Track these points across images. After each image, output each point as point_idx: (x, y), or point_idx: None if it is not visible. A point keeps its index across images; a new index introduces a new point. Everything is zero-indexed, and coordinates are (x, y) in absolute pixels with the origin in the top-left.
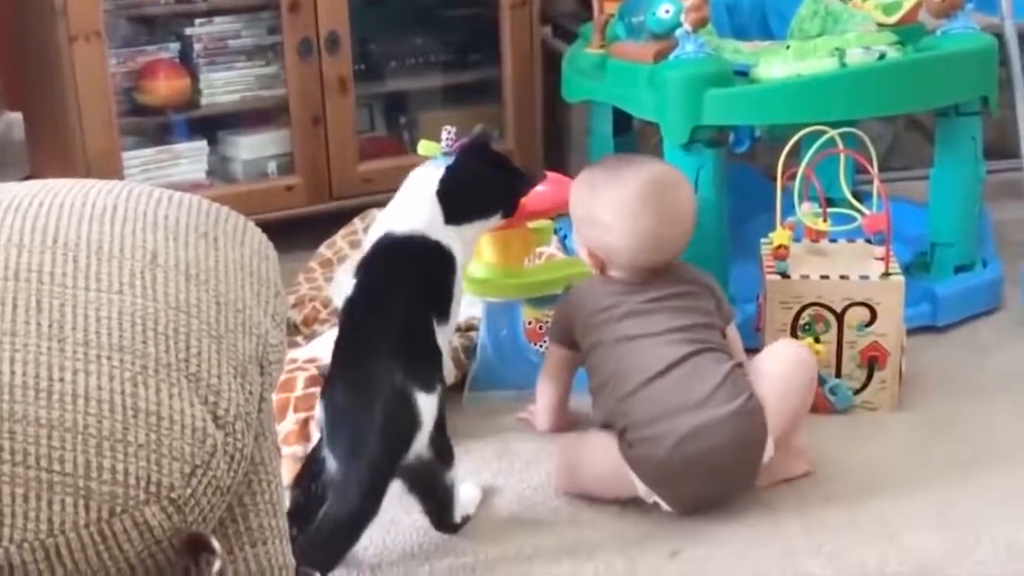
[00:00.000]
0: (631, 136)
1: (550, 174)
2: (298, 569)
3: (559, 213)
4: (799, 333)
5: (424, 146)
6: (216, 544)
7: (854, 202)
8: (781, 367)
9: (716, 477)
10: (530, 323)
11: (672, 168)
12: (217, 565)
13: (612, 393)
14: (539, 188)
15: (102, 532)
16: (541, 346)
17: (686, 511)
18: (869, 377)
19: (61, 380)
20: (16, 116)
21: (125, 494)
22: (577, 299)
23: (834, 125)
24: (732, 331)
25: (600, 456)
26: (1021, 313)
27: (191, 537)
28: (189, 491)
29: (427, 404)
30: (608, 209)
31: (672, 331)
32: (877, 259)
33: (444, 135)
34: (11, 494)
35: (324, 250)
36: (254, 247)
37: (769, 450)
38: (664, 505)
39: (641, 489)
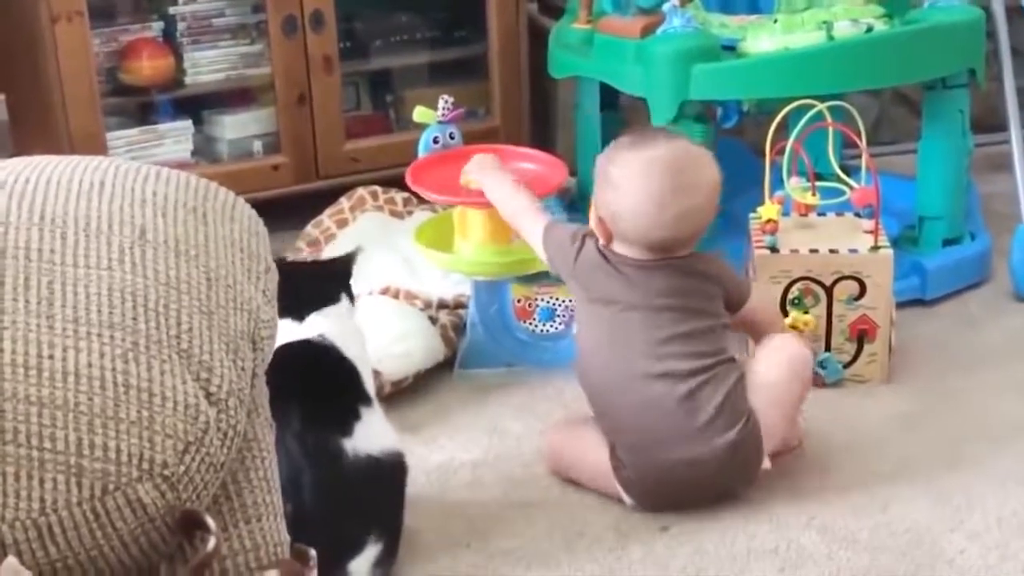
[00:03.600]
0: (618, 112)
1: (541, 154)
2: (293, 545)
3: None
4: (788, 307)
5: (420, 113)
6: (210, 521)
7: (843, 176)
8: (777, 372)
9: (709, 494)
10: (519, 301)
11: (701, 148)
12: (211, 542)
13: (604, 397)
14: (528, 166)
15: (95, 510)
16: (530, 324)
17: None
18: (859, 350)
19: (51, 357)
20: None
21: (117, 471)
22: (583, 257)
23: (822, 99)
24: (755, 299)
25: (591, 458)
26: (1009, 286)
27: (185, 514)
28: (182, 468)
29: None
30: (621, 169)
31: (675, 339)
32: (866, 232)
33: (441, 103)
34: (2, 473)
35: (311, 229)
36: (244, 223)
37: (766, 464)
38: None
39: (628, 501)
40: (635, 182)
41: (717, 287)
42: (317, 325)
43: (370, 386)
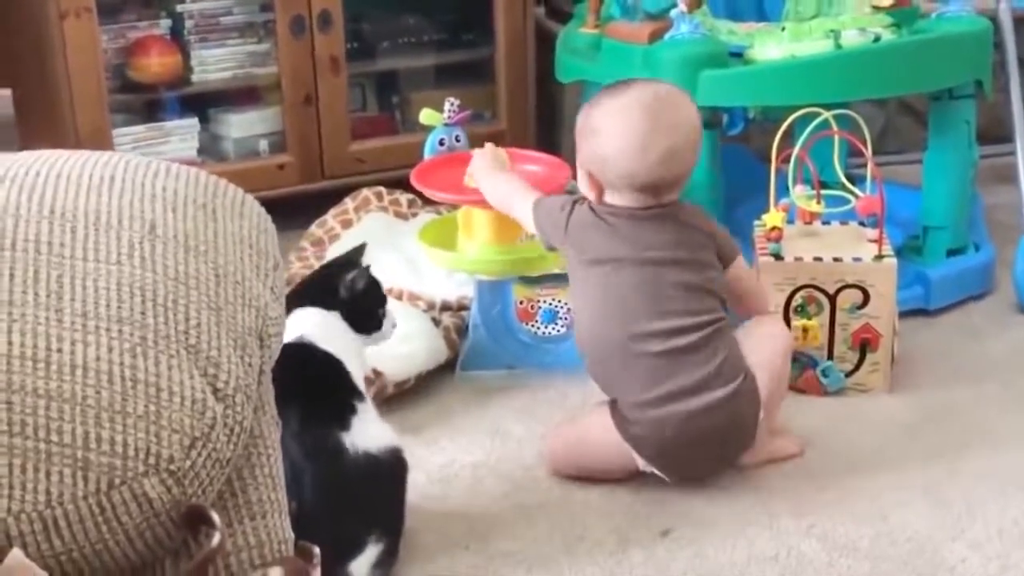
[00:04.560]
0: None
1: (544, 156)
2: (297, 543)
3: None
4: (792, 315)
5: (426, 115)
6: (215, 517)
7: (848, 184)
8: (758, 347)
9: (717, 450)
10: (521, 302)
11: (676, 87)
12: (216, 538)
13: (605, 359)
14: (532, 168)
15: (100, 504)
16: (532, 326)
17: (684, 480)
18: (861, 359)
19: (59, 351)
20: (5, 93)
21: (124, 466)
22: (574, 220)
23: (828, 107)
24: (739, 266)
25: (596, 431)
26: (1012, 297)
27: (190, 510)
28: (189, 463)
29: None
30: (603, 116)
31: (672, 294)
32: (870, 241)
33: (447, 105)
34: (9, 465)
35: (315, 229)
36: (253, 220)
37: (762, 415)
38: (661, 475)
39: (641, 463)
40: (616, 126)
41: (708, 238)
42: (298, 326)
43: (360, 383)
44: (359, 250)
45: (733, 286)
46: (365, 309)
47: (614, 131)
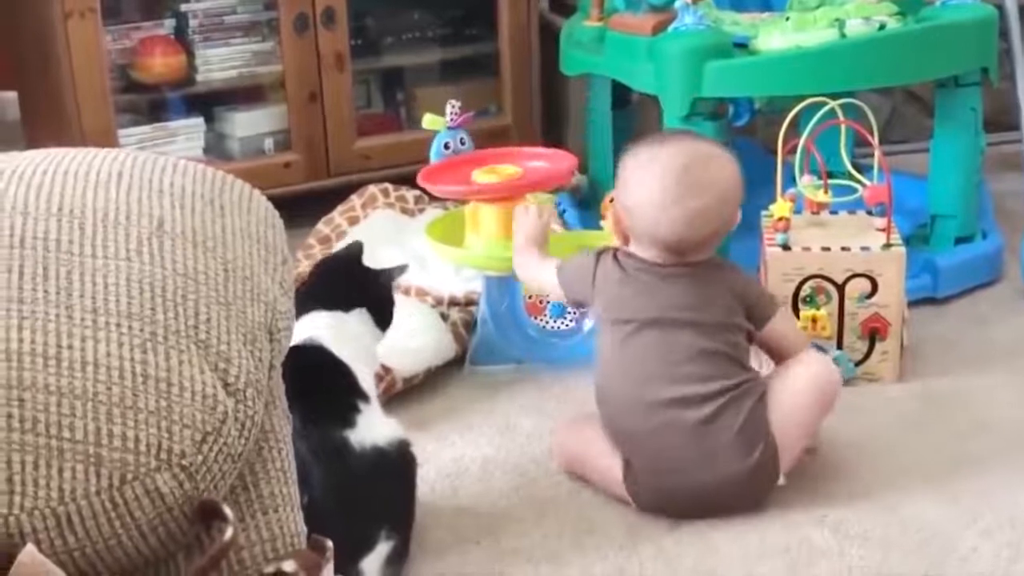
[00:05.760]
0: (630, 109)
1: (549, 150)
2: (310, 536)
3: (558, 187)
4: (800, 305)
5: (429, 120)
6: (228, 511)
7: (855, 173)
8: (807, 390)
9: (720, 513)
10: (530, 297)
11: (718, 148)
12: (229, 533)
13: (619, 420)
14: (538, 164)
15: (113, 499)
16: (541, 320)
17: None
18: (870, 348)
19: (70, 347)
20: (10, 95)
21: (136, 461)
22: (601, 271)
23: (834, 96)
24: (776, 325)
25: (602, 464)
26: (1020, 284)
27: (202, 505)
28: (200, 458)
29: None
30: (632, 166)
31: (691, 359)
32: (878, 230)
33: (448, 108)
34: (21, 462)
35: (322, 227)
36: (260, 215)
37: (780, 481)
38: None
39: (635, 507)
40: (641, 178)
41: (737, 301)
42: (306, 328)
43: (367, 385)
44: (356, 249)
45: (771, 346)
46: (391, 306)
47: (638, 183)
